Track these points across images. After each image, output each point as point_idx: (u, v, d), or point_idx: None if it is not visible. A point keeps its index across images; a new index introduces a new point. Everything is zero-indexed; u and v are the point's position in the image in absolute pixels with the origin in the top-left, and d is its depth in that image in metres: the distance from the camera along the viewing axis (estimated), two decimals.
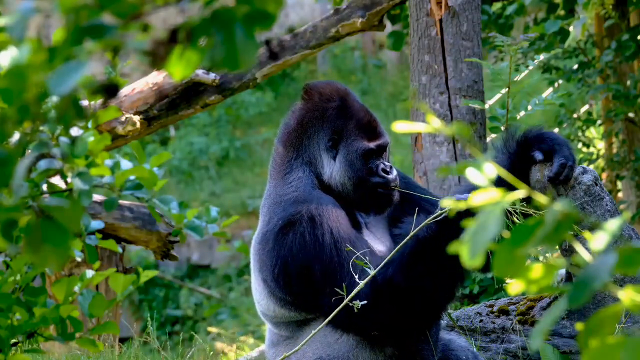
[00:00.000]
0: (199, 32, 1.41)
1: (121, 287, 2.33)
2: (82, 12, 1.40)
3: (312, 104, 3.46)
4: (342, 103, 3.44)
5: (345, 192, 3.41)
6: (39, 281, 2.39)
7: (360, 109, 3.46)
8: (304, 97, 3.50)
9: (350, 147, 3.40)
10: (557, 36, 7.25)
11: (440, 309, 3.25)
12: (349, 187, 3.40)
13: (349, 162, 3.40)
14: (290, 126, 3.49)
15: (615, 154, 8.11)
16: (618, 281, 3.49)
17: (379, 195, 3.39)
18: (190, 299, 12.66)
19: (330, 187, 3.42)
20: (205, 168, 15.22)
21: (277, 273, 3.29)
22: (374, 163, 3.41)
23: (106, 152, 1.95)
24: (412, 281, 3.12)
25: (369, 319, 3.17)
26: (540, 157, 3.42)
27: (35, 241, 1.59)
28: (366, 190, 3.39)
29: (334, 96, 3.46)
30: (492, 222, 1.37)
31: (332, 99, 3.45)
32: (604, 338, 1.34)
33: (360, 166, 3.39)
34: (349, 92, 3.50)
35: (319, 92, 3.47)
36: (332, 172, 3.42)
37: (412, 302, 3.14)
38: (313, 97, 3.47)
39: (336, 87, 3.49)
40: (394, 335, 3.28)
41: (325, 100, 3.45)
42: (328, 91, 3.47)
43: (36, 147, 1.74)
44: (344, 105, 3.44)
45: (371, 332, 3.24)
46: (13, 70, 1.45)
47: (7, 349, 2.24)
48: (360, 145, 3.40)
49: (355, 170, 3.39)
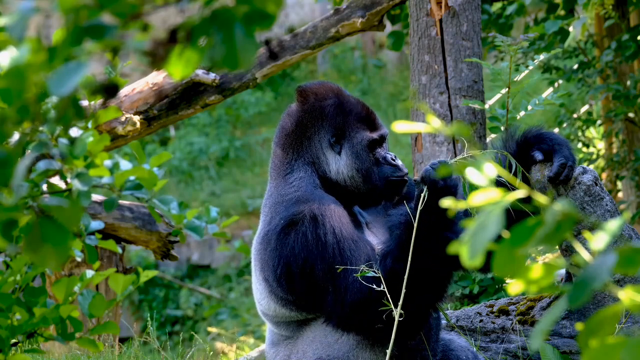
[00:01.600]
0: (199, 32, 1.41)
1: (121, 287, 2.33)
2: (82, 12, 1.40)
3: (309, 105, 3.49)
4: (339, 100, 3.48)
5: (355, 185, 3.44)
6: (39, 281, 2.39)
7: (357, 102, 3.51)
8: (298, 99, 3.52)
9: (355, 139, 3.45)
10: (557, 36, 7.25)
11: (441, 292, 3.24)
12: (358, 179, 3.44)
13: (356, 154, 3.44)
14: (288, 128, 3.50)
15: (615, 154, 8.11)
16: (618, 281, 3.49)
17: (390, 183, 3.43)
18: (190, 299, 12.66)
19: (338, 183, 3.44)
20: (205, 168, 15.22)
21: (279, 273, 3.29)
22: (379, 153, 3.47)
23: (106, 152, 1.94)
24: (410, 266, 3.12)
25: (374, 312, 3.17)
26: (540, 157, 3.42)
27: (35, 241, 1.58)
28: (377, 179, 3.43)
29: (329, 95, 3.49)
30: (492, 222, 1.37)
31: (327, 97, 3.49)
32: (604, 338, 1.33)
33: (366, 157, 3.44)
34: (341, 89, 3.55)
35: (314, 93, 3.50)
36: (339, 168, 3.45)
37: (414, 287, 3.14)
38: (308, 98, 3.50)
39: (329, 86, 3.54)
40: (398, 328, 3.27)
41: (321, 99, 3.48)
42: (322, 91, 3.50)
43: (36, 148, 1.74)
44: (341, 102, 3.48)
45: (375, 325, 3.24)
46: (13, 70, 1.45)
47: (7, 349, 2.24)
48: (364, 136, 3.45)
49: (363, 161, 3.43)
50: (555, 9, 7.71)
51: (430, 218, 3.14)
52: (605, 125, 8.25)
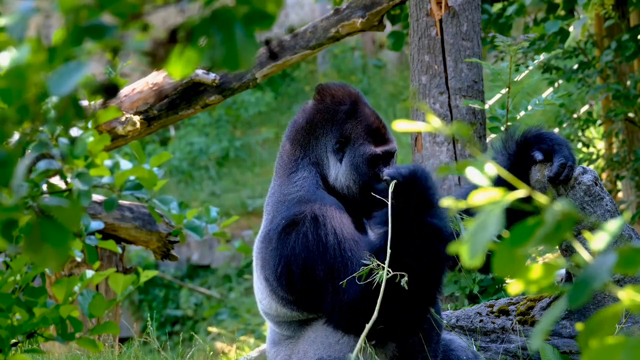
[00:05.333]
0: (199, 32, 1.41)
1: (121, 287, 2.33)
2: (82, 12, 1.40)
3: (324, 106, 3.48)
4: (353, 107, 3.46)
5: (351, 194, 3.43)
6: (39, 281, 2.39)
7: (371, 114, 3.48)
8: (316, 97, 3.51)
9: (357, 151, 3.42)
10: (557, 36, 7.25)
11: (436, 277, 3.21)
12: (355, 190, 3.42)
13: (355, 166, 3.41)
14: (299, 124, 3.50)
15: (615, 154, 8.11)
16: (618, 281, 3.49)
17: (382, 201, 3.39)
18: (190, 299, 12.65)
19: (335, 188, 3.43)
20: (205, 168, 15.21)
21: (279, 272, 3.29)
22: (380, 169, 3.42)
23: (106, 152, 1.94)
24: (401, 260, 3.11)
25: (373, 312, 3.17)
26: (540, 157, 3.42)
27: (35, 241, 1.58)
28: (370, 195, 3.39)
29: (346, 99, 3.47)
30: (492, 221, 1.37)
31: (343, 102, 3.47)
32: (604, 338, 1.33)
33: (365, 171, 3.41)
34: (360, 96, 3.51)
35: (331, 94, 3.49)
36: (337, 175, 3.43)
37: (409, 282, 3.12)
38: (325, 98, 3.48)
39: (349, 91, 3.50)
40: (398, 325, 3.26)
41: (337, 103, 3.47)
42: (340, 94, 3.48)
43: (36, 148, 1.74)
44: (354, 109, 3.46)
45: (376, 326, 3.23)
46: (13, 71, 1.45)
47: (7, 349, 2.24)
48: (367, 150, 3.42)
49: (361, 174, 3.41)
50: (555, 9, 7.71)
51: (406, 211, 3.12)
52: (605, 125, 8.25)
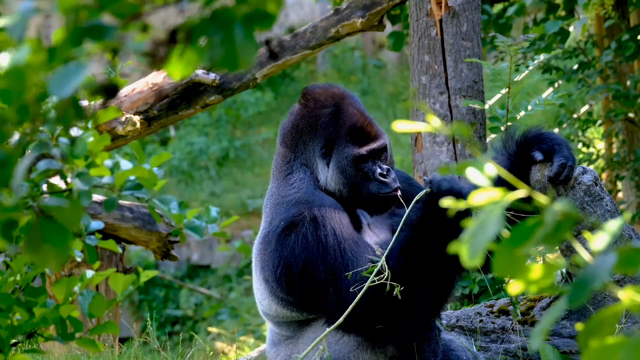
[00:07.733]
0: (199, 32, 1.41)
1: (121, 287, 2.33)
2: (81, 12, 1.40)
3: (307, 110, 3.47)
4: (336, 109, 3.43)
5: (343, 196, 3.42)
6: (39, 281, 2.39)
7: (354, 113, 3.43)
8: (300, 101, 3.51)
9: (341, 154, 3.40)
10: (557, 36, 7.25)
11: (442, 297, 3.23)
12: (345, 192, 3.41)
13: (341, 169, 3.40)
14: (287, 128, 3.51)
15: (615, 154, 8.11)
16: (618, 281, 3.49)
17: (377, 199, 3.39)
18: (190, 299, 12.66)
19: (328, 190, 3.43)
20: (205, 168, 15.22)
21: (279, 274, 3.29)
22: (369, 168, 3.40)
23: (106, 152, 1.95)
24: (411, 268, 3.11)
25: (374, 313, 3.17)
26: (540, 157, 3.42)
27: (35, 241, 1.58)
28: (365, 194, 3.39)
29: (329, 102, 3.45)
30: (492, 222, 1.37)
31: (326, 105, 3.44)
32: (603, 338, 1.33)
33: (353, 172, 3.39)
34: (345, 96, 3.47)
35: (314, 99, 3.47)
36: (327, 179, 3.43)
37: (414, 290, 3.13)
38: (309, 102, 3.48)
39: (332, 92, 3.48)
40: (398, 331, 3.27)
41: (320, 107, 3.45)
42: (323, 97, 3.46)
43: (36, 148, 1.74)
44: (337, 112, 3.43)
45: (375, 326, 3.23)
46: (13, 71, 1.45)
47: (7, 349, 2.24)
48: (350, 152, 3.39)
49: (348, 177, 3.39)
50: (555, 9, 7.71)
51: (430, 222, 3.11)
52: (605, 125, 8.25)
